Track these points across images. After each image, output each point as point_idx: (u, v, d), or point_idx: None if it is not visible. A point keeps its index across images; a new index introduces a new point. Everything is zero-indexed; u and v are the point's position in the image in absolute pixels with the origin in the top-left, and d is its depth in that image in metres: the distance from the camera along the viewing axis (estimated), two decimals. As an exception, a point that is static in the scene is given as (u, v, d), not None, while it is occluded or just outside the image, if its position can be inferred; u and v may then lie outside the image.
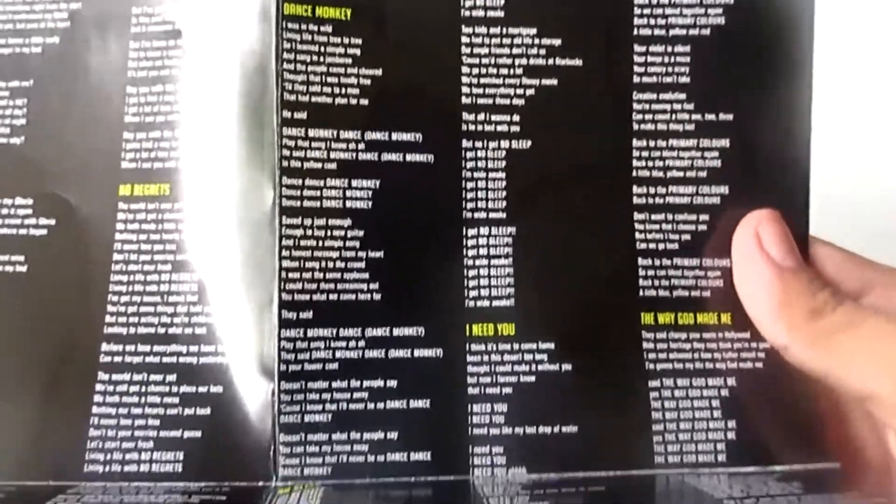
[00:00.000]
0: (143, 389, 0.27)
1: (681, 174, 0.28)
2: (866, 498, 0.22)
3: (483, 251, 0.28)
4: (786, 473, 0.25)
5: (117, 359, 0.28)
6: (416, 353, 0.27)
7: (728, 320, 0.27)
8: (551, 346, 0.27)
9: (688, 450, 0.26)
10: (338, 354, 0.27)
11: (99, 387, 0.27)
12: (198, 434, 0.27)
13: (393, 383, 0.27)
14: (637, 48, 0.29)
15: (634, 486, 0.25)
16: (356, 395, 0.27)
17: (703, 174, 0.28)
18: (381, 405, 0.27)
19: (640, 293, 0.28)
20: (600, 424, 0.26)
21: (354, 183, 0.28)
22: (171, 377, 0.27)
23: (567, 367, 0.27)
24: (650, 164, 0.29)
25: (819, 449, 0.26)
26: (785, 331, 0.25)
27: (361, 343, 0.27)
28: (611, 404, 0.27)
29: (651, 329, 0.28)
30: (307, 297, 0.27)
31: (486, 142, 0.28)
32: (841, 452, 0.25)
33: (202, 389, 0.27)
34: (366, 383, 0.27)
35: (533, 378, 0.27)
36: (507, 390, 0.27)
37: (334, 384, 0.27)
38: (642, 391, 0.27)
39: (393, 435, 0.27)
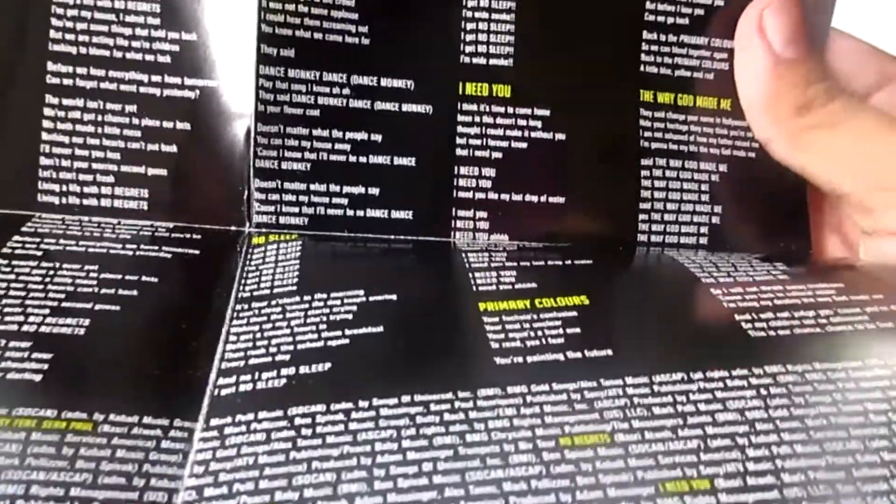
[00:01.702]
0: (100, 119, 0.25)
1: None
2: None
3: (484, 3, 0.26)
4: (765, 258, 0.25)
5: (67, 81, 0.25)
6: (405, 107, 0.25)
7: (727, 106, 0.27)
8: (546, 112, 0.26)
9: (671, 230, 0.26)
10: (320, 101, 0.25)
11: (48, 111, 0.24)
12: (163, 172, 0.25)
13: (377, 137, 0.25)
14: None
15: (619, 258, 0.25)
16: (338, 146, 0.25)
17: None
18: (363, 159, 0.25)
19: (642, 69, 0.26)
20: (588, 198, 0.26)
21: None
22: (131, 108, 0.25)
23: (560, 136, 0.26)
24: (675, -78, 0.26)
25: (802, 238, 0.26)
26: (769, 124, 0.25)
27: (346, 90, 0.25)
28: (601, 179, 0.26)
29: (649, 107, 0.26)
30: (289, 32, 0.25)
31: None
32: (815, 248, 0.26)
33: (167, 125, 0.25)
34: (348, 135, 0.25)
35: (525, 145, 0.26)
36: (497, 155, 0.26)
37: (315, 132, 0.25)
38: (634, 169, 0.26)
39: (374, 191, 0.25)
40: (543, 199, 0.26)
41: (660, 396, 0.18)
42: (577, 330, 0.21)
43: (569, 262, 0.24)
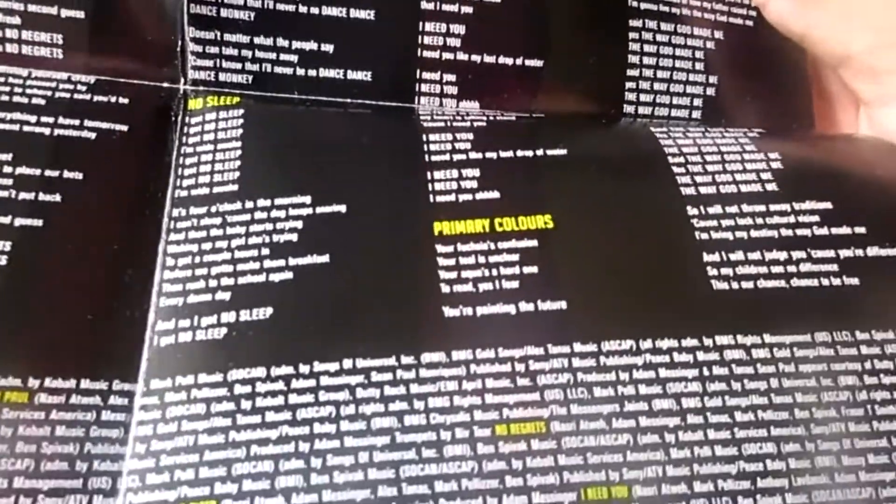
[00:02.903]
0: (-3, -52, 0.21)
1: None
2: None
3: None
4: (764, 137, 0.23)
5: None
6: (363, -51, 0.22)
7: None
8: None
9: (661, 101, 0.23)
10: (264, -63, 0.21)
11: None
12: (80, 14, 0.21)
13: (332, -16, 0.22)
14: None
15: (596, 146, 0.22)
16: (286, -8, 0.22)
17: None
18: (314, 10, 0.22)
19: None
20: (569, 62, 0.23)
21: None
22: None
23: None
24: None
25: (803, 114, 0.24)
26: None
27: (295, -75, 0.22)
28: (584, 41, 0.23)
29: None
30: None
31: None
32: (820, 123, 0.24)
33: (78, -42, 0.21)
34: (298, -20, 0.22)
35: None
36: (467, 9, 0.22)
37: (259, -25, 0.22)
38: (622, 30, 0.23)
39: (328, 47, 0.22)
40: (519, 61, 0.23)
41: (603, 372, 0.18)
42: (535, 269, 0.19)
43: (540, 151, 0.21)
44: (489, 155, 0.21)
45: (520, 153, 0.21)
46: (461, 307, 0.18)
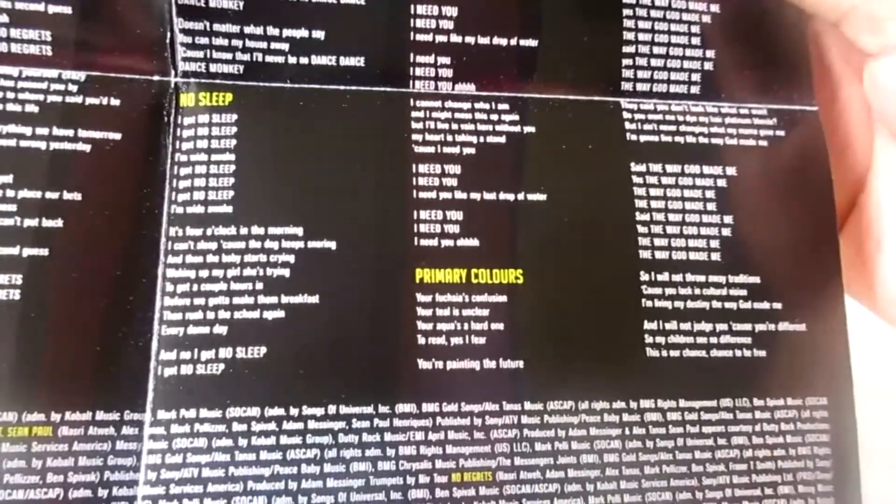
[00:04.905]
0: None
1: None
2: None
3: None
4: (763, 114, 0.23)
5: None
6: (351, -67, 0.22)
7: None
8: None
9: (659, 78, 0.23)
10: (249, -76, 0.21)
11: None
12: (67, 10, 0.21)
13: (320, -30, 0.22)
14: None
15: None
16: (274, -20, 0.22)
17: None
18: (305, -5, 0.22)
19: None
20: (564, 41, 0.23)
21: None
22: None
23: None
24: None
25: (803, 86, 0.23)
26: None
27: (279, -89, 0.21)
28: (579, 18, 0.23)
29: None
30: None
31: None
32: (819, 94, 0.23)
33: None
34: (286, -33, 0.22)
35: None
36: None
37: (245, -36, 0.21)
38: (615, 6, 0.23)
39: (319, 34, 0.22)
40: (514, 42, 0.22)
41: (546, 430, 0.20)
42: (501, 327, 0.21)
43: (521, 195, 0.22)
44: (473, 195, 0.21)
45: (502, 196, 0.22)
46: (434, 360, 0.20)
